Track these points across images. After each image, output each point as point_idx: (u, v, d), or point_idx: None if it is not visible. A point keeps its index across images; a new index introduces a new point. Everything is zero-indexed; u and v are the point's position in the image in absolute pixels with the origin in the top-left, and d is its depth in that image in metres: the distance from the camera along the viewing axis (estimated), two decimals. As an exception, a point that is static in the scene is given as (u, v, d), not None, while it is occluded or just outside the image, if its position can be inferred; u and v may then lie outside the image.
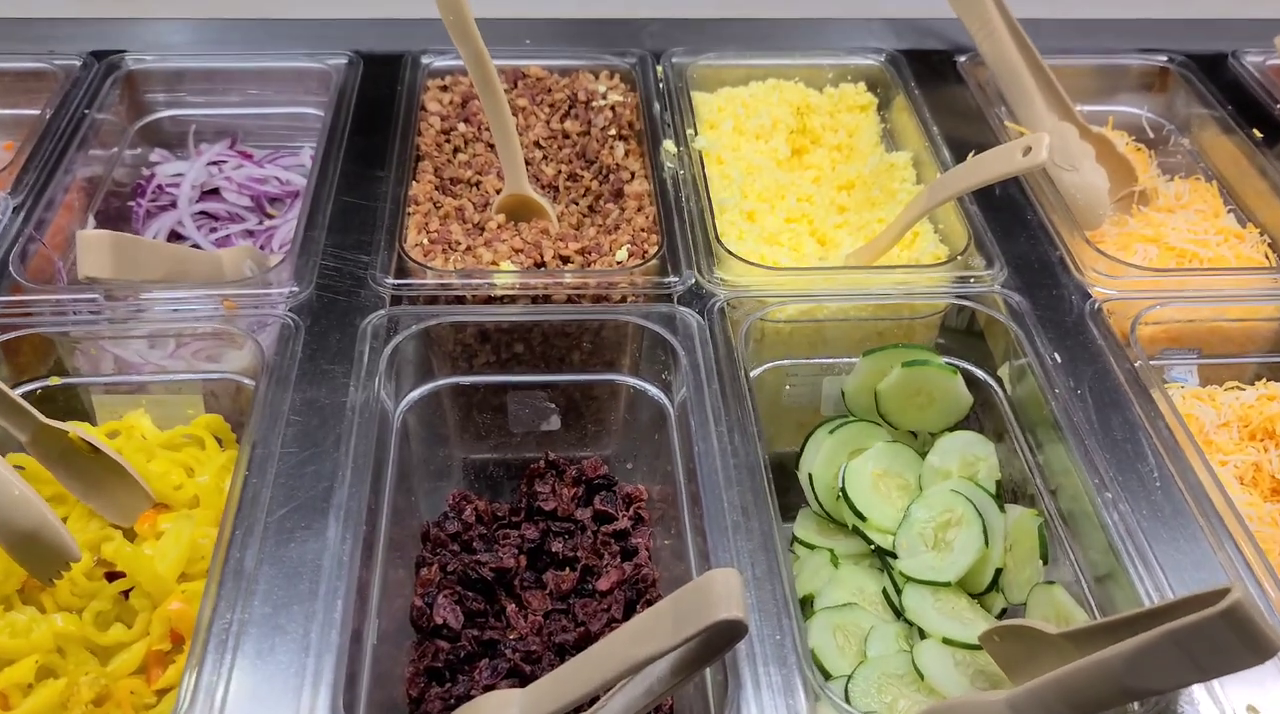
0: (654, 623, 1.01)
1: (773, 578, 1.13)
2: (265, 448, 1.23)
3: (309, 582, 1.10)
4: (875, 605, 1.38)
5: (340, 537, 1.14)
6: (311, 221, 1.54)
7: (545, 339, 1.48)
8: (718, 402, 1.32)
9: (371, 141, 1.71)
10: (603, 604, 1.35)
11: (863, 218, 1.72)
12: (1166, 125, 1.99)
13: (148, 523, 1.29)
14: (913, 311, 1.54)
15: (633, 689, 1.09)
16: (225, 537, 1.14)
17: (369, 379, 1.32)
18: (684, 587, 0.98)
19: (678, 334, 1.40)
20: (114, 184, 1.80)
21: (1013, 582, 1.33)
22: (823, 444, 1.45)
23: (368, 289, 1.44)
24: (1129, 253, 1.65)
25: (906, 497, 1.42)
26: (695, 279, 1.48)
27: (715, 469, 1.23)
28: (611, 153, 1.73)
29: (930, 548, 1.36)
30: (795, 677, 1.05)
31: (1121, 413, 1.33)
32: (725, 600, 0.95)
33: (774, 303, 1.47)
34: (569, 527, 1.44)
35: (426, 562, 1.38)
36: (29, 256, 1.50)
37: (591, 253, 1.53)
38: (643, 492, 1.46)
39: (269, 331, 1.38)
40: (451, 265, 1.48)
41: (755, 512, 1.20)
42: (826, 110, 1.93)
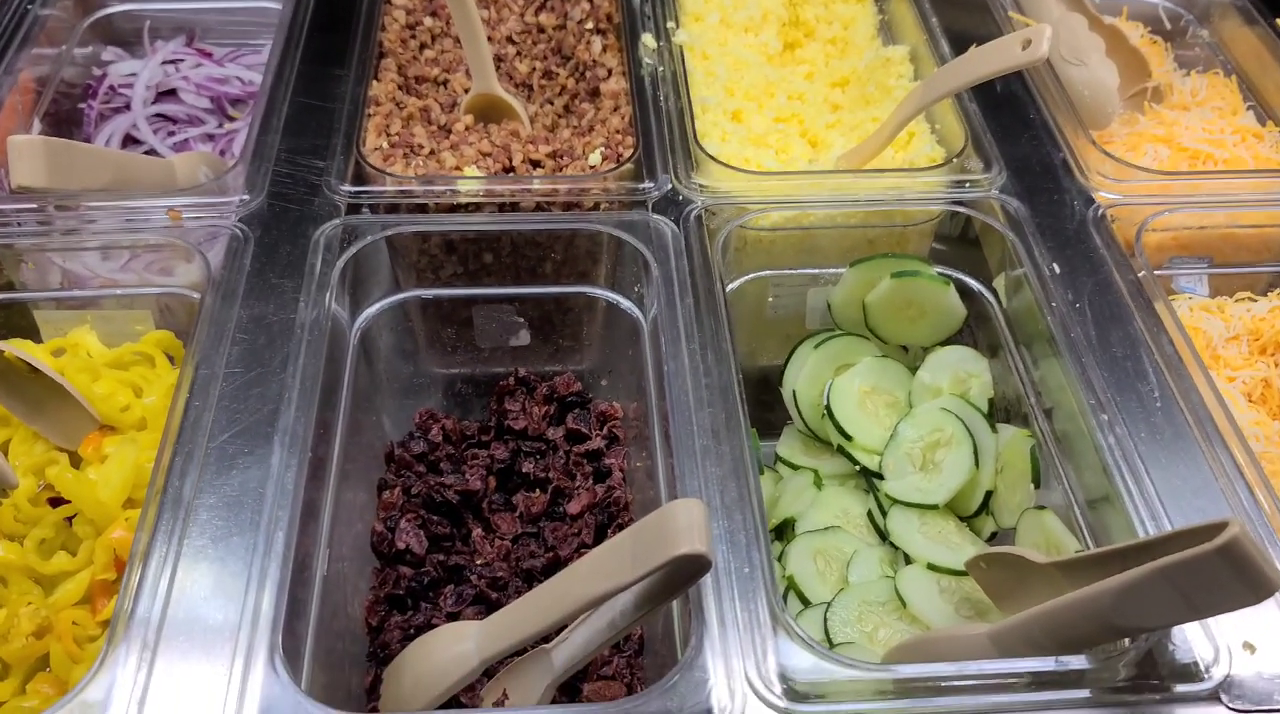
0: (613, 557, 0.95)
1: (743, 506, 1.07)
2: (209, 368, 1.16)
3: (250, 511, 1.04)
4: (860, 529, 1.32)
5: (284, 463, 1.08)
6: (266, 125, 1.45)
7: (514, 249, 1.40)
8: (690, 317, 1.24)
9: (332, 38, 1.61)
10: (573, 528, 1.29)
11: (856, 117, 1.62)
12: (1185, 15, 1.86)
13: (92, 446, 1.23)
14: (905, 218, 1.45)
15: (595, 622, 1.04)
16: (164, 463, 1.08)
17: (320, 293, 1.24)
18: (645, 518, 0.92)
19: (651, 244, 1.31)
20: (63, 85, 1.70)
21: (1003, 505, 1.27)
22: (807, 359, 1.38)
23: (322, 197, 1.36)
24: (1138, 154, 1.55)
25: (895, 414, 1.35)
26: (671, 184, 1.39)
27: (685, 390, 1.16)
28: (588, 48, 1.62)
29: (918, 469, 1.30)
30: (763, 612, 0.99)
31: (1122, 327, 1.25)
32: (688, 533, 0.89)
33: (755, 210, 1.38)
34: (540, 446, 1.38)
35: (389, 484, 1.32)
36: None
37: (563, 157, 1.44)
38: (617, 410, 1.40)
39: (217, 244, 1.30)
40: (412, 171, 1.39)
41: (727, 435, 1.13)
42: (821, 1, 1.81)
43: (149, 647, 0.94)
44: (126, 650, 0.94)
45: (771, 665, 0.95)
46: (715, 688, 0.94)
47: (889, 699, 0.95)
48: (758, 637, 0.97)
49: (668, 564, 0.90)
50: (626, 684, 1.16)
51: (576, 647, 1.05)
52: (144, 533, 1.02)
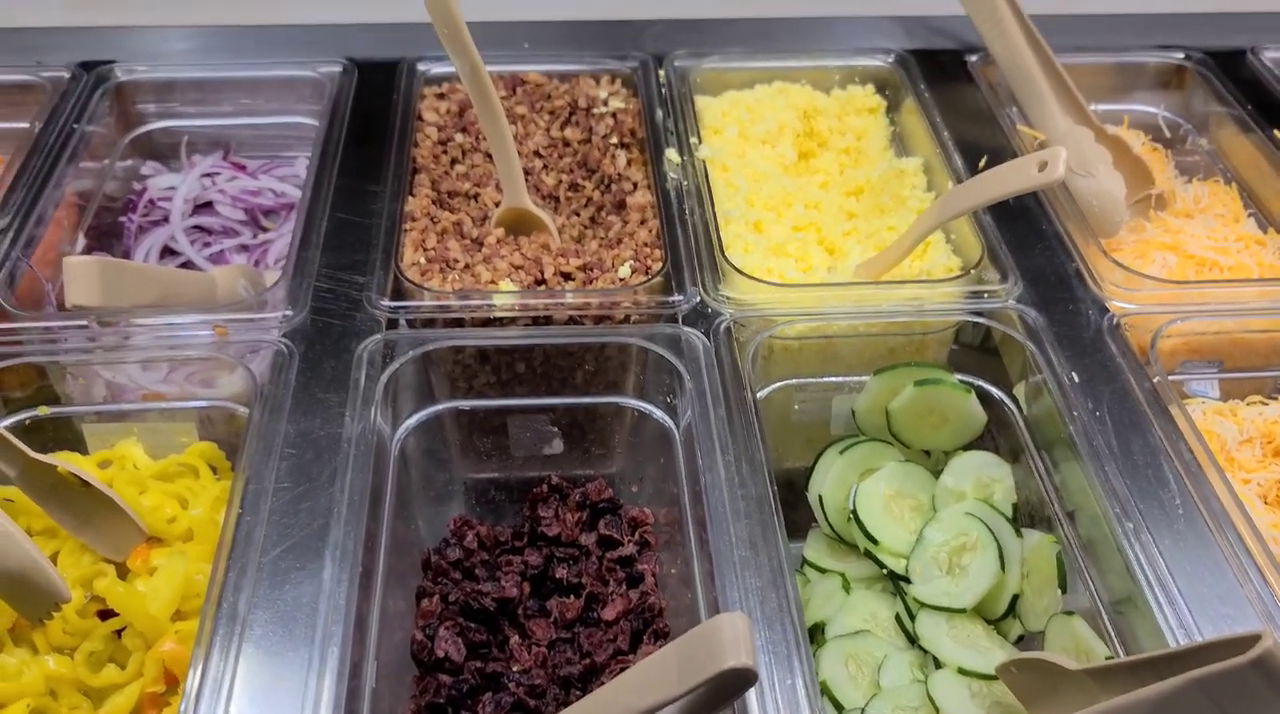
0: (659, 670, 0.98)
1: (783, 616, 1.10)
2: (259, 483, 1.19)
3: (305, 626, 1.07)
4: (889, 632, 1.34)
5: (336, 578, 1.11)
6: (306, 240, 1.50)
7: (547, 359, 1.44)
8: (724, 428, 1.28)
9: (367, 153, 1.67)
10: (608, 634, 1.31)
11: (872, 225, 1.67)
12: (1184, 124, 1.94)
13: (140, 558, 1.26)
14: (925, 328, 1.50)
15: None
16: (219, 578, 1.11)
17: (364, 408, 1.28)
18: (690, 632, 0.94)
19: (683, 357, 1.36)
20: (105, 199, 1.76)
21: (1030, 609, 1.30)
22: (833, 465, 1.41)
23: (363, 312, 1.40)
24: (1147, 262, 1.60)
25: (920, 518, 1.38)
26: (700, 297, 1.44)
27: (723, 501, 1.20)
28: (613, 162, 1.69)
29: (944, 572, 1.32)
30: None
31: (1142, 435, 1.29)
32: (733, 647, 0.91)
33: (782, 321, 1.43)
34: (573, 552, 1.40)
35: (428, 592, 1.35)
36: (17, 280, 1.47)
37: (593, 269, 1.49)
38: (648, 515, 1.43)
39: (262, 357, 1.35)
40: (449, 285, 1.44)
41: (764, 545, 1.16)
42: (834, 113, 1.88)
43: (209, 764, 0.97)
44: (187, 765, 0.96)
45: (818, 776, 0.98)
46: (764, 801, 0.96)
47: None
48: (803, 749, 0.99)
49: (714, 678, 0.92)
50: (666, 794, 1.18)
51: (618, 760, 1.06)
52: (200, 648, 1.05)
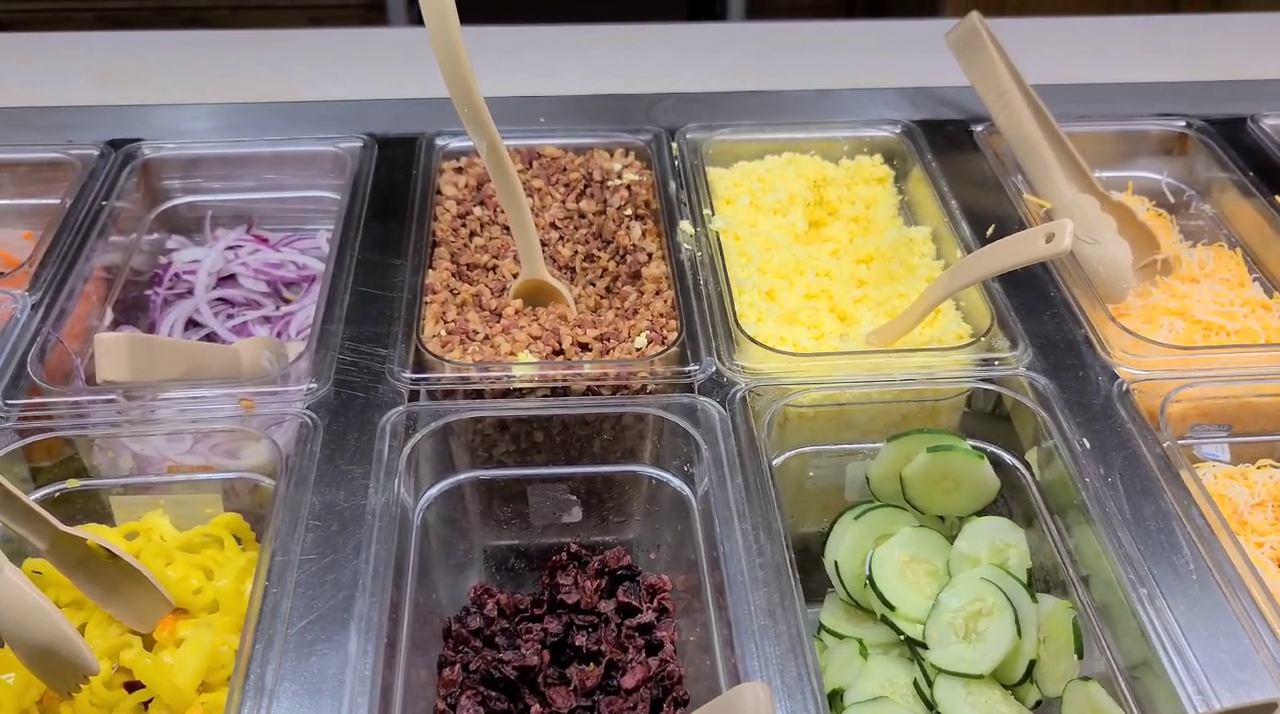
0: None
1: (802, 685, 1.11)
2: (285, 555, 1.22)
3: (331, 698, 1.08)
4: (907, 698, 1.35)
5: (361, 649, 1.12)
6: (329, 313, 1.53)
7: (565, 429, 1.47)
8: (741, 496, 1.30)
9: (387, 227, 1.71)
10: (628, 702, 1.32)
11: (883, 292, 1.70)
12: (1187, 190, 1.98)
13: (167, 629, 1.28)
14: (937, 395, 1.52)
15: (661, 805, 1.07)
16: (246, 651, 1.12)
17: (388, 480, 1.30)
18: (711, 702, 0.96)
19: (699, 426, 1.38)
20: (132, 272, 1.80)
21: (1047, 675, 1.30)
22: (848, 531, 1.43)
23: (386, 384, 1.43)
24: (1154, 327, 1.63)
25: (935, 583, 1.40)
26: (716, 367, 1.46)
27: (741, 569, 1.21)
28: (628, 233, 1.72)
29: (961, 638, 1.33)
30: (829, 793, 1.02)
31: (1154, 500, 1.31)
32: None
33: (796, 390, 1.45)
34: (592, 620, 1.41)
35: (449, 661, 1.36)
36: (47, 355, 1.50)
37: (610, 339, 1.52)
38: (666, 582, 1.44)
39: (286, 429, 1.37)
40: (469, 357, 1.47)
41: (782, 613, 1.17)
42: (843, 183, 1.92)
43: (237, 837, 0.98)
44: (215, 841, 0.97)
45: None
46: None
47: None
48: (825, 819, 1.00)
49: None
50: None
51: (643, 829, 1.07)
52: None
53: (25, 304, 1.55)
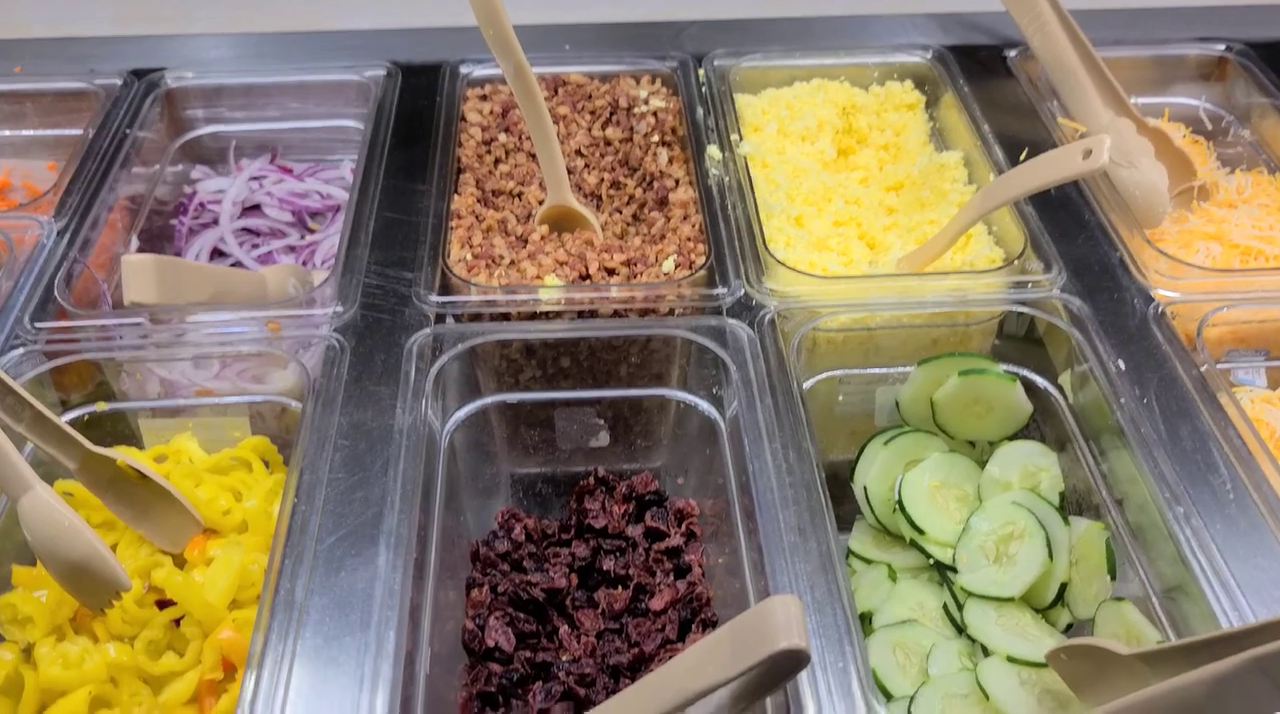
0: (712, 652, 0.99)
1: (833, 600, 1.10)
2: (313, 474, 1.21)
3: (360, 611, 1.08)
4: (936, 621, 1.34)
5: (390, 564, 1.13)
6: (354, 238, 1.52)
7: (592, 353, 1.45)
8: (770, 417, 1.28)
9: (412, 154, 1.69)
10: (656, 624, 1.32)
11: (912, 219, 1.68)
12: (1225, 116, 1.93)
13: (197, 549, 1.28)
14: (968, 318, 1.50)
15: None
16: (275, 566, 1.13)
17: (415, 401, 1.30)
18: (742, 615, 0.95)
19: (728, 348, 1.37)
20: (156, 203, 1.79)
21: (1079, 597, 1.29)
22: (877, 456, 1.42)
23: (412, 307, 1.42)
24: (1191, 252, 1.60)
25: (965, 508, 1.38)
26: (744, 290, 1.45)
27: (770, 487, 1.20)
28: (655, 160, 1.70)
29: (992, 562, 1.32)
30: (860, 705, 1.02)
31: (1190, 421, 1.29)
32: (786, 629, 0.92)
33: (825, 313, 1.44)
34: (620, 544, 1.41)
35: (477, 583, 1.36)
36: (74, 280, 1.50)
37: (637, 264, 1.50)
38: (694, 507, 1.44)
39: (313, 352, 1.37)
40: (495, 281, 1.46)
41: (812, 531, 1.16)
42: (873, 110, 1.88)
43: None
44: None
45: (871, 758, 0.98)
46: (818, 781, 0.96)
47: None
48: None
49: (767, 660, 0.93)
50: (718, 780, 1.18)
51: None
52: (259, 633, 1.07)
53: (51, 230, 1.55)
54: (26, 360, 1.36)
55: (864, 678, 1.04)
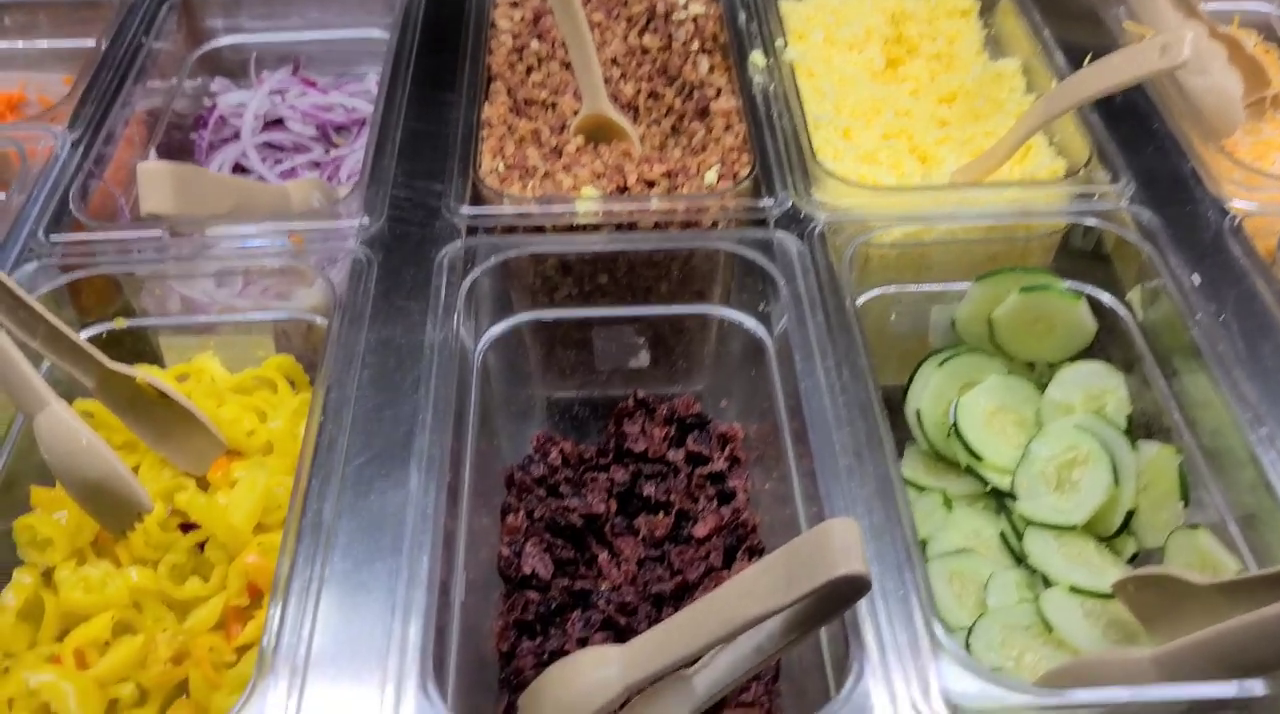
0: (766, 578, 0.93)
1: (891, 526, 1.04)
2: (340, 391, 1.15)
3: (392, 535, 1.03)
4: (993, 551, 1.28)
5: (423, 486, 1.07)
6: (380, 149, 1.45)
7: (631, 269, 1.38)
8: (822, 334, 1.21)
9: (440, 63, 1.61)
10: (700, 551, 1.27)
11: (966, 132, 1.58)
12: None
13: (220, 471, 1.23)
14: (1028, 233, 1.41)
15: (740, 648, 1.01)
16: (302, 487, 1.07)
17: (447, 316, 1.23)
18: (798, 539, 0.89)
19: (776, 261, 1.29)
20: (175, 116, 1.72)
21: (1147, 524, 1.23)
22: (931, 378, 1.35)
23: (442, 219, 1.35)
24: (1266, 162, 1.50)
25: (1023, 433, 1.32)
26: (792, 201, 1.37)
27: (823, 407, 1.13)
28: (695, 68, 1.61)
29: (1053, 488, 1.26)
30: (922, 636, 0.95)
31: (1272, 338, 1.20)
32: (845, 553, 0.86)
33: (878, 226, 1.35)
34: (661, 469, 1.35)
35: (512, 508, 1.31)
36: (90, 194, 1.44)
37: (678, 176, 1.42)
38: (738, 431, 1.37)
39: (340, 267, 1.30)
40: (529, 192, 1.38)
41: (869, 455, 1.10)
42: (923, 17, 1.78)
43: (298, 673, 0.93)
44: (275, 678, 0.93)
45: (936, 693, 0.92)
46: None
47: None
48: (919, 663, 0.94)
49: (824, 586, 0.87)
50: (766, 711, 1.13)
51: (721, 672, 1.01)
52: (286, 557, 1.01)
53: (65, 141, 1.48)
54: (41, 274, 1.31)
55: (926, 608, 0.98)
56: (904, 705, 0.91)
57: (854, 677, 0.92)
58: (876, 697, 0.91)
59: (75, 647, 1.09)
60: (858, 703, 0.91)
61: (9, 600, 1.12)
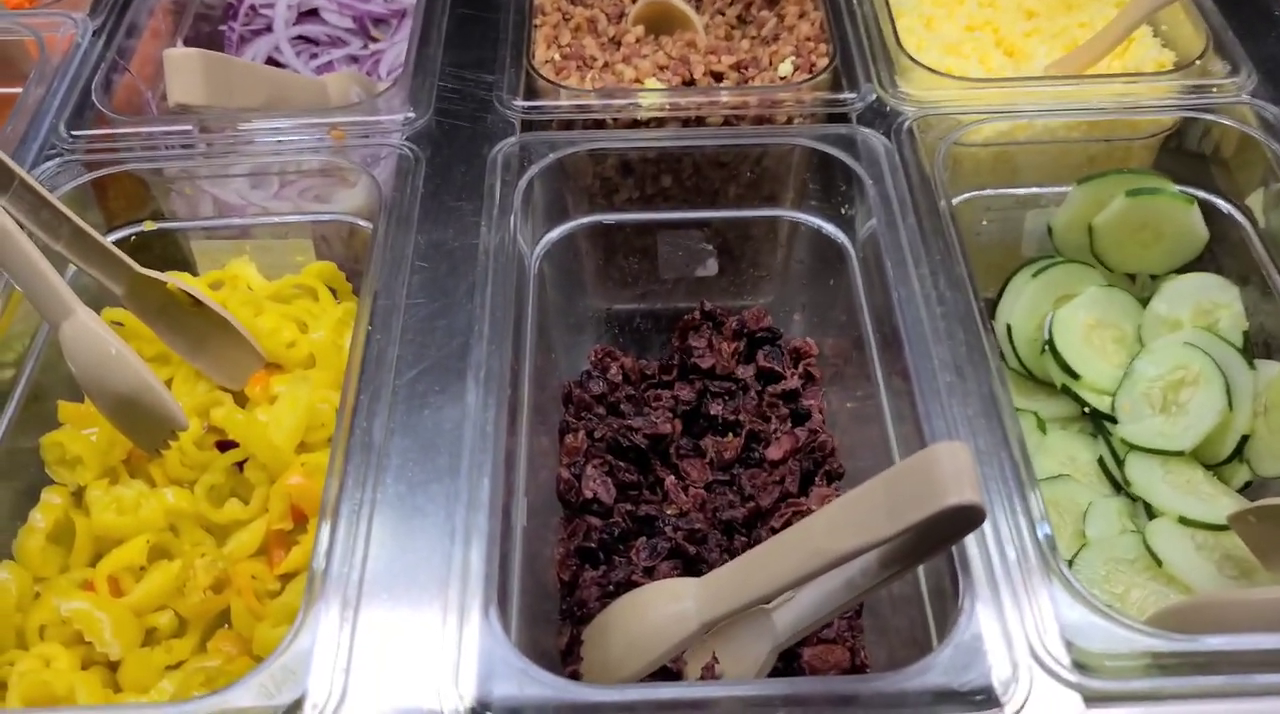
0: (863, 508, 0.83)
1: (1000, 450, 0.94)
2: (389, 299, 1.06)
3: (448, 455, 0.94)
4: (1090, 477, 1.19)
5: (481, 402, 0.97)
6: (425, 38, 1.34)
7: (697, 170, 1.27)
8: (915, 238, 1.10)
9: (488, -55, 1.48)
10: (774, 475, 1.17)
11: (1057, 24, 1.45)
12: None
13: (259, 386, 1.14)
14: (1133, 131, 1.29)
15: (829, 582, 0.92)
16: (349, 403, 0.98)
17: (503, 217, 1.13)
18: (899, 465, 0.80)
19: (861, 160, 1.18)
20: (202, 6, 1.61)
21: (1265, 451, 1.13)
22: (1024, 290, 1.25)
23: (494, 113, 1.24)
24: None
25: (1124, 351, 1.22)
26: (876, 94, 1.25)
27: (920, 319, 1.03)
28: (763, -49, 1.48)
29: (1158, 411, 1.16)
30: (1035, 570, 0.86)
31: None
32: (956, 481, 0.76)
33: (970, 122, 1.23)
34: (729, 387, 1.26)
35: (571, 427, 1.22)
36: (114, 86, 1.33)
37: (749, 68, 1.31)
38: (812, 346, 1.27)
39: (385, 165, 1.20)
40: (588, 84, 1.27)
41: (972, 371, 0.99)
42: (1009, -104, 1.63)
43: (351, 602, 0.85)
44: (326, 606, 0.84)
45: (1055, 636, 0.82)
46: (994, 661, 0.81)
47: (1195, 674, 0.81)
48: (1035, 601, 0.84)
49: (934, 517, 0.77)
50: (849, 648, 1.05)
51: (806, 609, 0.93)
52: (334, 478, 0.93)
53: (86, 29, 1.38)
54: (64, 171, 1.21)
55: (1043, 541, 0.88)
56: (1020, 649, 0.82)
57: (965, 615, 0.83)
58: (990, 640, 0.82)
59: (109, 572, 1.01)
60: (969, 645, 0.82)
61: (38, 521, 1.04)
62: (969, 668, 0.80)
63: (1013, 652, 0.81)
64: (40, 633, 0.99)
